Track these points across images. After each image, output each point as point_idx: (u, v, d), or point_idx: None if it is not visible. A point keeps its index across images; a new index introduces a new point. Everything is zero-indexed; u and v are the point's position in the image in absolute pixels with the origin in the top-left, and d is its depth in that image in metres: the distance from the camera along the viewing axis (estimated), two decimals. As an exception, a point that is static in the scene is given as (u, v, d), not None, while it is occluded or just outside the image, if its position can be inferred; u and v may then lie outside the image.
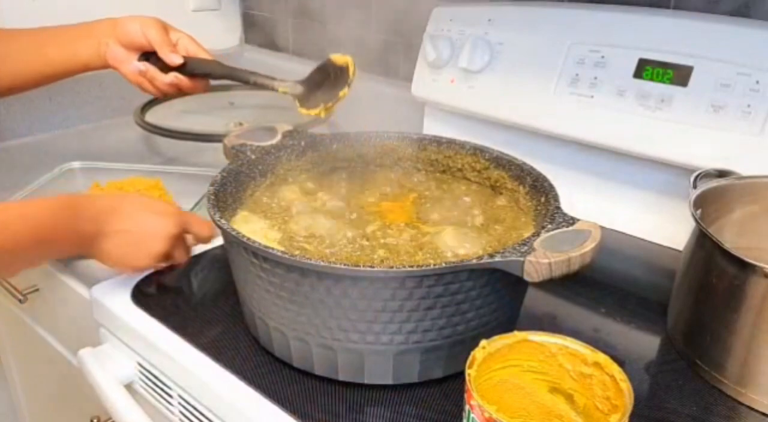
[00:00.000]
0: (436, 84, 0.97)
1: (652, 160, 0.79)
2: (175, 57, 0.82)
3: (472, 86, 0.93)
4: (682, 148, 0.75)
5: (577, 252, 0.50)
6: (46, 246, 0.63)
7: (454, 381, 0.57)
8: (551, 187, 0.64)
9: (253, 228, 0.64)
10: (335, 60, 0.77)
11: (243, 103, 1.26)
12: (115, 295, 0.70)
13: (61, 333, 0.89)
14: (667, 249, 0.80)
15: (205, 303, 0.69)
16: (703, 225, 0.58)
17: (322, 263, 0.51)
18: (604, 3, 0.86)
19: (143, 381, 0.69)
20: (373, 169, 0.79)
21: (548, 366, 0.49)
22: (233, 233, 0.55)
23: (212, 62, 0.84)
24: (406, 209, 0.71)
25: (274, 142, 0.74)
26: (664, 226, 0.81)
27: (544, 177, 0.66)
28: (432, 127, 1.04)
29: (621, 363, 0.46)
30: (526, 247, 0.51)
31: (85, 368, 0.68)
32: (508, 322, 0.59)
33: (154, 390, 0.68)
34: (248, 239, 0.54)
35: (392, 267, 0.51)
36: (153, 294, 0.70)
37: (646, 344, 0.66)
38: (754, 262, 0.53)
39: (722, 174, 0.67)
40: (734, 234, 0.65)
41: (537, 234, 0.53)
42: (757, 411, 0.56)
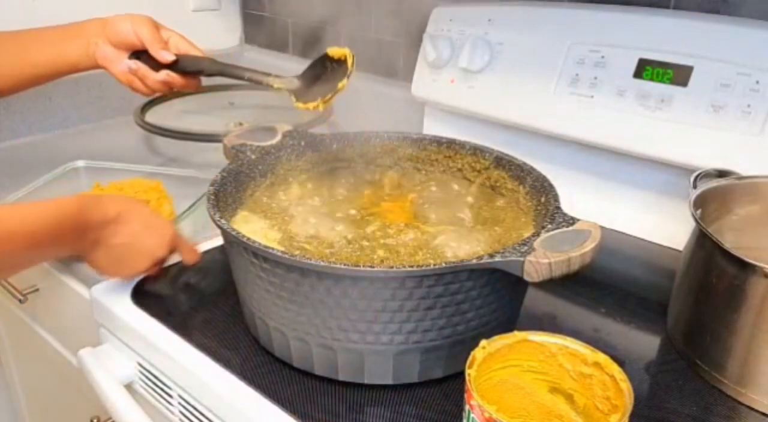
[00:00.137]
0: (436, 84, 0.97)
1: (652, 160, 0.79)
2: (167, 54, 0.81)
3: (472, 86, 0.93)
4: (682, 148, 0.75)
5: (577, 252, 0.50)
6: (50, 251, 0.64)
7: (454, 381, 0.57)
8: (551, 187, 0.64)
9: (253, 228, 0.64)
10: (332, 53, 0.75)
11: (243, 103, 1.26)
12: (115, 295, 0.70)
13: (61, 333, 0.89)
14: (667, 249, 0.80)
15: (205, 303, 0.69)
16: (703, 225, 0.58)
17: (322, 263, 0.51)
18: (604, 3, 0.86)
19: (143, 381, 0.69)
20: (373, 169, 0.79)
21: (548, 366, 0.49)
22: (233, 233, 0.55)
23: (205, 59, 0.83)
24: (406, 209, 0.71)
25: (274, 142, 0.74)
26: (664, 226, 0.81)
27: (544, 177, 0.66)
28: (432, 127, 1.04)
29: (621, 363, 0.46)
30: (526, 247, 0.51)
31: (85, 368, 0.68)
32: (508, 322, 0.59)
33: (154, 390, 0.68)
34: (248, 239, 0.54)
35: (392, 267, 0.51)
36: (153, 294, 0.70)
37: (646, 344, 0.66)
38: (754, 262, 0.53)
39: (722, 174, 0.67)
40: (734, 234, 0.65)
41: (537, 235, 0.53)
42: (757, 411, 0.56)
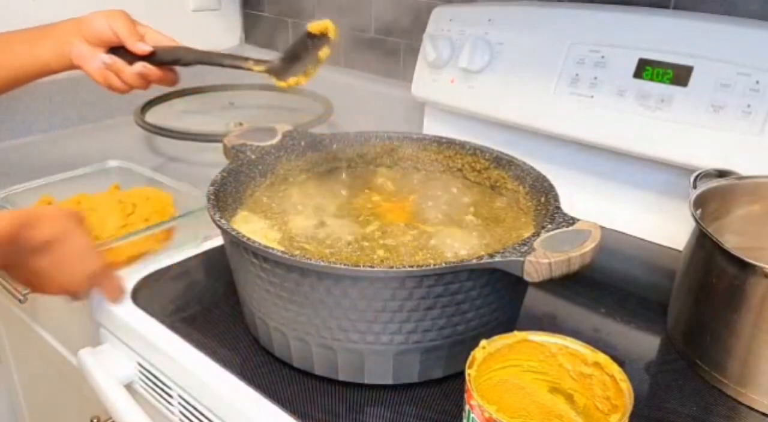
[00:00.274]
0: (436, 84, 0.97)
1: (652, 160, 0.79)
2: (143, 45, 0.80)
3: (472, 86, 0.93)
4: (682, 148, 0.75)
5: (577, 252, 0.50)
6: None
7: (454, 381, 0.57)
8: (551, 187, 0.64)
9: (253, 228, 0.64)
10: (313, 29, 0.71)
11: (243, 103, 1.26)
12: (115, 295, 0.70)
13: (61, 333, 0.89)
14: (667, 249, 0.80)
15: (205, 303, 0.69)
16: (703, 226, 0.58)
17: (322, 263, 0.51)
18: (604, 3, 0.86)
19: (143, 381, 0.69)
20: (373, 169, 0.79)
21: (548, 366, 0.49)
22: (233, 233, 0.55)
23: (180, 48, 0.81)
24: (406, 209, 0.71)
25: (274, 142, 0.74)
26: (664, 226, 0.81)
27: (544, 177, 0.66)
28: (432, 127, 1.04)
29: (621, 363, 0.46)
30: (526, 247, 0.51)
31: (85, 368, 0.68)
32: (508, 322, 0.59)
33: (154, 390, 0.68)
34: (248, 239, 0.54)
35: (392, 267, 0.51)
36: (153, 294, 0.70)
37: (646, 344, 0.66)
38: (754, 262, 0.53)
39: (722, 174, 0.67)
40: (734, 234, 0.65)
41: (537, 235, 0.53)
42: (757, 411, 0.56)
